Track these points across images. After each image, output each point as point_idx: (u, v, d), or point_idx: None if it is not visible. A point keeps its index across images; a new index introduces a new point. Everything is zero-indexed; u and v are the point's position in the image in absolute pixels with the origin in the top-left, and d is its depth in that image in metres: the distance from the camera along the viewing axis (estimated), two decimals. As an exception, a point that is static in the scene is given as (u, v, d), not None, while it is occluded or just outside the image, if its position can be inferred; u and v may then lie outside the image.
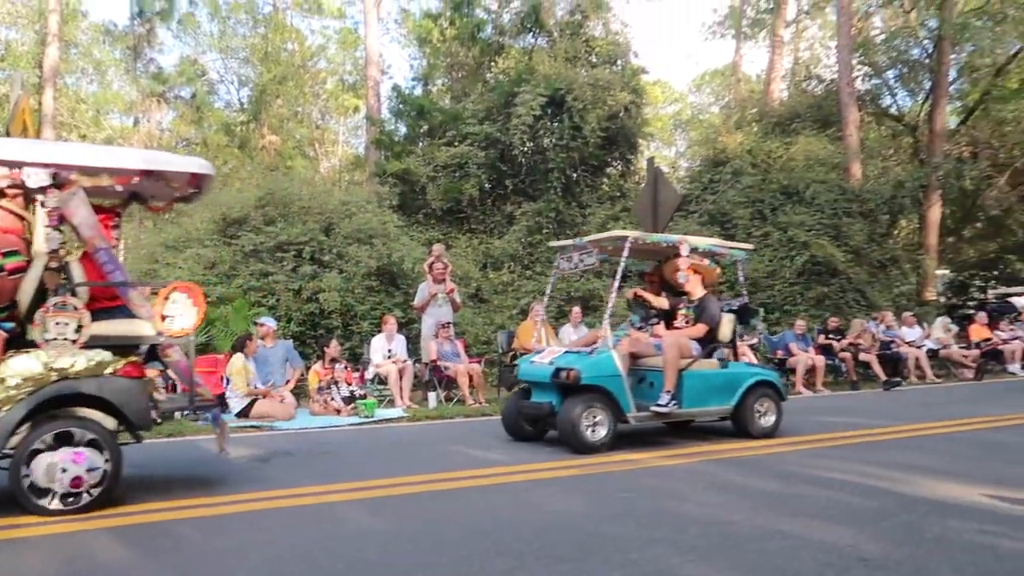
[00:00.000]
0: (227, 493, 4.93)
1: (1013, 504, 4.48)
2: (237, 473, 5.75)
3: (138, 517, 4.34)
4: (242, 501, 4.71)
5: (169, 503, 4.68)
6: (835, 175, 17.39)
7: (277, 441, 7.34)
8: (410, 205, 16.90)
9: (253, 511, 4.49)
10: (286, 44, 29.13)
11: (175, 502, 4.70)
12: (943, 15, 19.11)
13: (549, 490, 5.04)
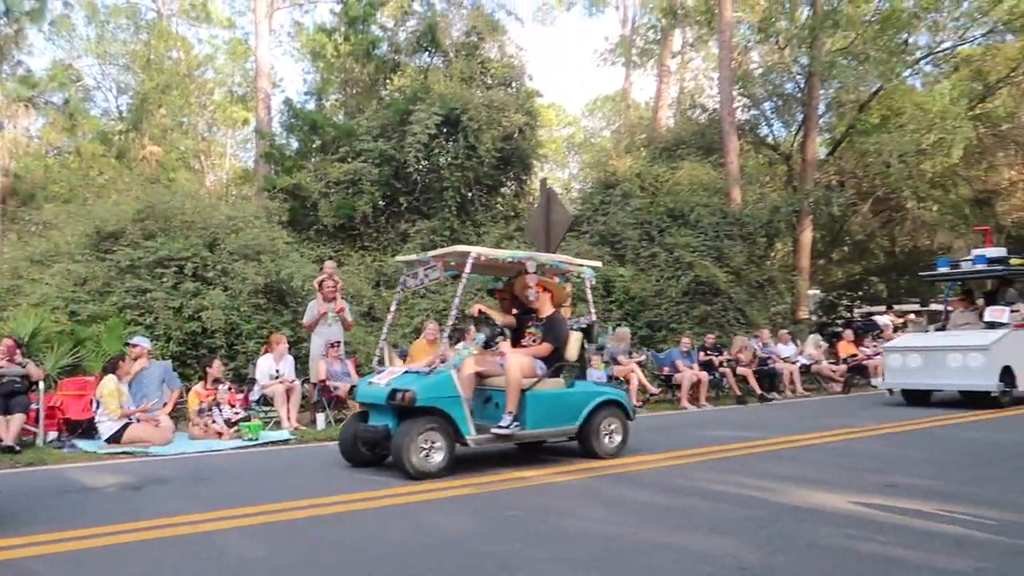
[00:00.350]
0: (92, 526, 4.59)
1: (875, 509, 4.77)
2: (105, 504, 5.38)
3: (-12, 555, 3.98)
4: (109, 534, 4.40)
5: (26, 538, 4.30)
6: (717, 199, 18.21)
7: (151, 467, 6.92)
8: (301, 221, 16.47)
9: (121, 544, 4.20)
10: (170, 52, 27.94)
11: (33, 537, 4.33)
12: (813, 53, 20.48)
13: (439, 511, 4.97)
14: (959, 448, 7.56)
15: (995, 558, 3.74)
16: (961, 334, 11.63)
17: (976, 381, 10.76)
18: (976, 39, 22.89)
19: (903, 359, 11.62)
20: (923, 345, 11.64)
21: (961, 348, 10.96)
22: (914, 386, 11.65)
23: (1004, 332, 10.99)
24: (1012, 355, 10.92)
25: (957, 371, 10.89)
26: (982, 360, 10.67)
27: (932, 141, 19.68)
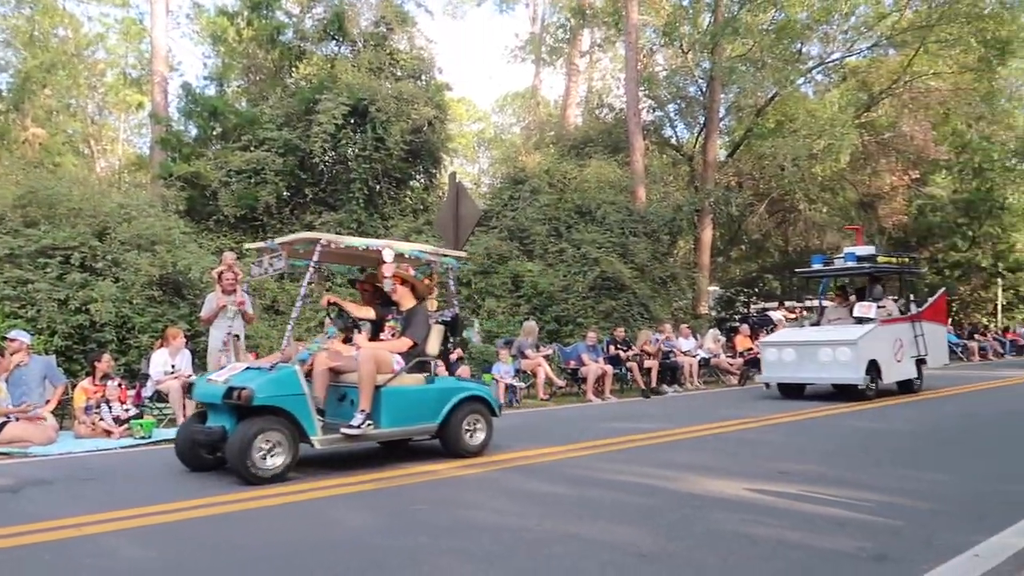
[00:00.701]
0: (-37, 531, 4.27)
1: (767, 495, 4.99)
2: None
3: None
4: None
5: None
6: (623, 197, 18.65)
7: (31, 468, 6.50)
8: (199, 211, 15.83)
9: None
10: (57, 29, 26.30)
11: None
12: (714, 58, 21.25)
13: (343, 506, 4.88)
14: (843, 436, 8.00)
15: (873, 537, 3.98)
16: (832, 329, 12.06)
17: (844, 374, 11.16)
18: (862, 51, 24.33)
19: (779, 353, 11.96)
20: (797, 340, 11.95)
21: (831, 343, 11.33)
22: (788, 379, 11.96)
23: (871, 327, 11.44)
24: (878, 349, 11.44)
25: (827, 365, 11.27)
26: (850, 354, 11.06)
27: (822, 147, 20.77)
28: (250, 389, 5.51)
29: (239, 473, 5.46)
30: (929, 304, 13.36)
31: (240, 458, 5.40)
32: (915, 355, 12.28)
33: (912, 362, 12.27)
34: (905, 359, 12.09)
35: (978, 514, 4.47)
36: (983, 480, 5.50)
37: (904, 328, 12.22)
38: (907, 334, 12.20)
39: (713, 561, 3.62)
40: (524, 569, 3.52)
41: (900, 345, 11.97)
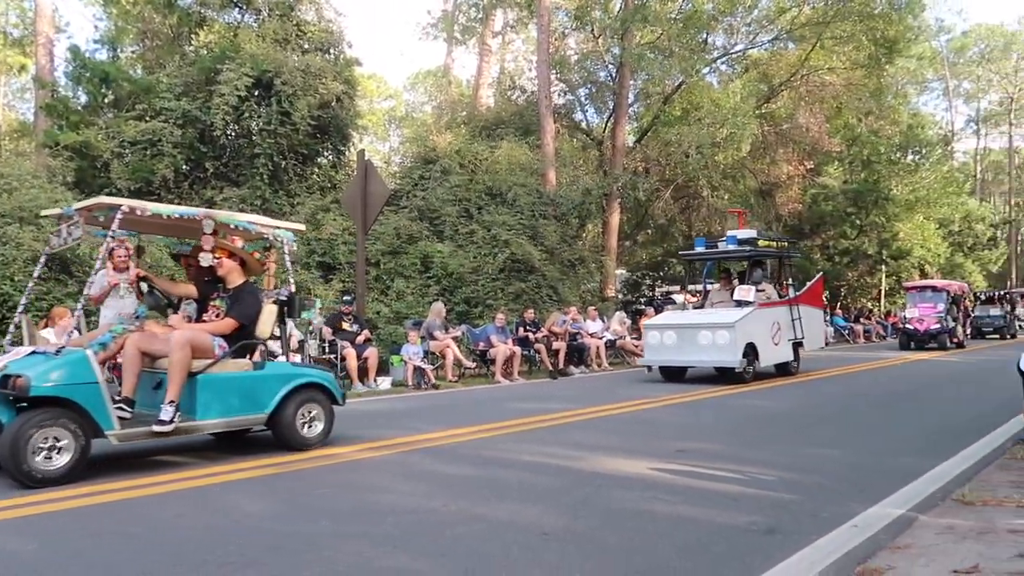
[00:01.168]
0: None
1: (666, 473, 5.16)
2: None
3: None
4: None
5: None
6: (533, 180, 18.76)
7: None
8: (90, 183, 14.92)
9: None
10: (-76, -20, 24.17)
11: None
12: (624, 44, 21.57)
13: (241, 492, 4.74)
14: (737, 415, 8.35)
15: (764, 512, 4.17)
16: (713, 312, 12.25)
17: (722, 357, 11.28)
18: (764, 44, 25.23)
19: (660, 336, 11.96)
20: (678, 323, 12.04)
21: (710, 326, 11.46)
22: (669, 363, 12.00)
23: (749, 311, 11.60)
24: (756, 332, 11.62)
25: (707, 348, 11.37)
26: (728, 337, 11.15)
27: (724, 135, 21.46)
28: (26, 377, 4.76)
29: (12, 475, 4.71)
30: (807, 288, 13.77)
31: (12, 458, 4.64)
32: (792, 338, 12.52)
33: (789, 345, 12.52)
34: (783, 342, 12.30)
35: (859, 487, 4.75)
36: (865, 454, 5.85)
37: (782, 311, 12.44)
38: (785, 317, 12.42)
39: (614, 539, 3.71)
40: (428, 552, 3.51)
41: (778, 328, 12.16)
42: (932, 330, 20.52)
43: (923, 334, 20.59)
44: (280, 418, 5.94)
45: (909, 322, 21.22)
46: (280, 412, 5.94)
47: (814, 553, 3.46)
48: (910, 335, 20.95)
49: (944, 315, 20.90)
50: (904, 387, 11.20)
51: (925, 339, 20.62)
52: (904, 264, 31.84)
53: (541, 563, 3.35)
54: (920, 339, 20.69)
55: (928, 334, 20.55)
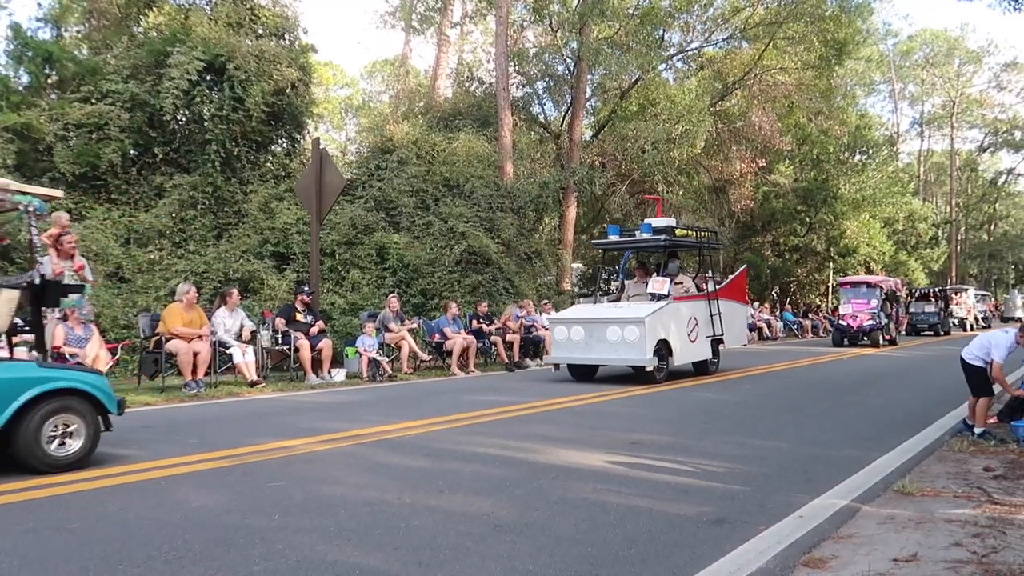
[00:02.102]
0: None
1: (619, 465, 5.22)
2: None
3: None
4: None
5: None
6: (491, 172, 18.72)
7: None
8: (31, 167, 14.40)
9: None
10: None
11: None
12: (582, 39, 21.64)
13: (191, 485, 4.65)
14: (690, 408, 8.49)
15: (714, 502, 4.26)
16: (624, 306, 11.36)
17: (631, 355, 10.37)
18: (719, 42, 25.59)
19: (567, 332, 10.98)
20: (586, 317, 11.04)
21: (619, 321, 10.51)
22: (577, 360, 11.11)
23: (662, 305, 10.69)
24: (669, 328, 10.77)
25: (616, 345, 10.45)
26: (637, 333, 10.26)
27: (680, 132, 21.70)
28: None
29: None
30: (728, 282, 13.24)
31: None
32: (711, 335, 11.85)
33: (708, 342, 11.81)
34: (700, 339, 11.56)
35: (806, 477, 4.88)
36: (811, 445, 6.00)
37: (700, 306, 11.72)
38: (703, 312, 11.73)
39: (566, 529, 3.75)
40: (381, 544, 3.49)
41: (695, 324, 11.42)
42: (865, 326, 20.39)
43: (856, 330, 20.45)
44: (17, 433, 4.78)
45: (843, 318, 21.11)
46: (17, 425, 4.78)
47: (761, 543, 3.55)
48: (843, 331, 20.80)
49: (878, 311, 20.78)
50: (847, 381, 11.51)
51: (858, 335, 20.48)
52: (851, 261, 32.69)
53: (493, 554, 3.36)
54: (853, 335, 20.54)
55: (861, 330, 20.40)
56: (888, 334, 20.91)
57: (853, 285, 22.56)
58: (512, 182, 19.21)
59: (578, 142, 22.46)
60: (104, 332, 10.30)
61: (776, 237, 32.23)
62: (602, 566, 3.25)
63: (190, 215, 14.81)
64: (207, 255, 14.01)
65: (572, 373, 11.47)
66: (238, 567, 3.16)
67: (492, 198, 17.92)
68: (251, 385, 9.98)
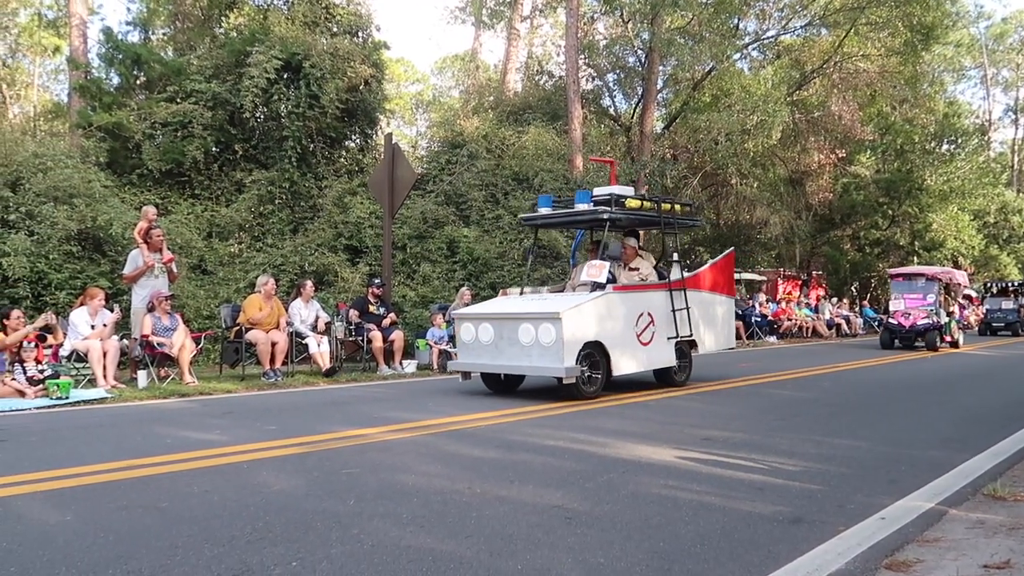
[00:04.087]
0: None
1: (690, 461, 5.14)
2: None
3: None
4: None
5: None
6: (560, 166, 18.68)
7: (-63, 430, 6.19)
8: (122, 164, 15.15)
9: None
10: (-36, -38, 24.54)
11: None
12: (654, 29, 21.34)
13: (270, 470, 4.81)
14: (766, 404, 8.29)
15: (790, 501, 4.15)
16: (545, 298, 8.97)
17: (543, 363, 7.94)
18: (796, 30, 24.81)
19: (474, 331, 8.60)
20: (495, 312, 8.66)
21: (532, 317, 8.04)
22: (484, 368, 8.66)
23: (593, 296, 8.29)
24: (606, 327, 8.30)
25: (528, 348, 8.02)
26: (553, 334, 7.80)
27: (755, 122, 21.18)
28: None
29: None
30: (705, 268, 10.40)
31: None
32: (675, 336, 9.20)
33: (670, 345, 9.20)
34: (657, 341, 8.98)
35: (888, 478, 4.71)
36: (893, 445, 5.78)
37: (657, 299, 9.08)
38: (661, 307, 9.09)
39: (637, 523, 3.71)
40: (453, 532, 3.54)
41: (648, 322, 8.87)
42: (919, 326, 17.48)
43: (908, 330, 17.57)
44: None
45: (893, 316, 18.16)
46: None
47: (841, 544, 3.44)
48: (893, 332, 17.88)
49: (935, 308, 17.91)
50: (929, 380, 11.04)
51: (911, 336, 17.66)
52: (937, 256, 31.30)
53: (564, 546, 3.36)
54: (905, 336, 17.72)
55: (914, 331, 17.53)
56: (948, 335, 18.14)
57: (906, 278, 19.36)
58: (582, 175, 19.11)
59: (649, 134, 22.18)
60: (188, 322, 10.75)
61: (856, 230, 31.10)
62: (674, 561, 3.21)
63: (268, 209, 15.29)
64: (284, 248, 14.44)
65: (487, 383, 9.04)
66: (317, 550, 3.25)
67: (562, 191, 17.86)
68: (326, 375, 10.25)
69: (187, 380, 9.18)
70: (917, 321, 17.58)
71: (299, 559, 3.14)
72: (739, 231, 27.87)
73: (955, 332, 18.36)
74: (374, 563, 3.10)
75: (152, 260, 9.64)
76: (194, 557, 3.14)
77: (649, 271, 9.47)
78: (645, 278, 9.33)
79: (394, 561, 3.13)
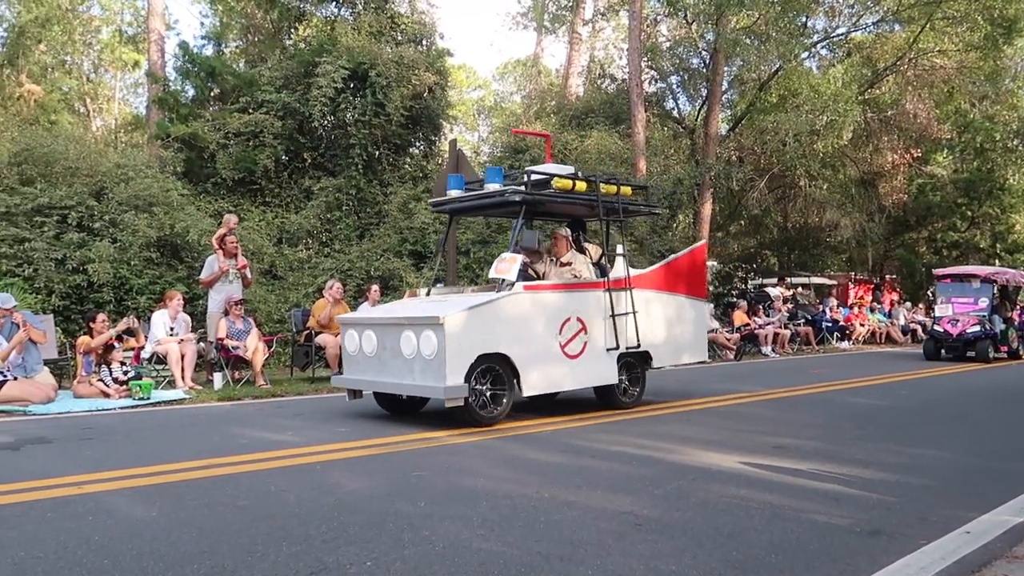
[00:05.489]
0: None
1: (762, 469, 5.04)
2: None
3: None
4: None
5: None
6: (623, 170, 18.53)
7: (31, 426, 6.53)
8: (197, 173, 15.71)
9: None
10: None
11: None
12: (719, 30, 20.98)
13: (343, 471, 4.92)
14: (841, 412, 8.06)
15: (867, 512, 4.03)
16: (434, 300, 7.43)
17: (425, 380, 6.45)
18: (868, 27, 24.04)
19: (358, 340, 7.17)
20: (379, 318, 7.34)
21: (415, 323, 6.58)
22: (365, 386, 7.17)
23: (496, 297, 6.71)
24: (511, 336, 6.72)
25: (411, 362, 6.56)
26: (434, 344, 6.31)
27: (824, 123, 20.59)
28: None
29: None
30: (660, 265, 8.70)
31: None
32: (615, 347, 7.56)
33: (610, 358, 7.54)
34: (591, 352, 7.36)
35: (971, 491, 4.52)
36: (979, 456, 5.56)
37: (591, 301, 7.46)
38: (597, 311, 7.46)
39: (709, 532, 3.66)
40: (523, 536, 3.55)
41: (578, 329, 7.27)
42: (969, 334, 15.38)
43: (956, 339, 15.51)
44: None
45: (938, 322, 16.02)
46: None
47: (923, 558, 3.33)
48: (938, 340, 15.79)
49: (987, 314, 15.72)
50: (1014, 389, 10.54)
51: (958, 346, 15.61)
52: (1020, 259, 29.88)
53: (635, 553, 3.34)
54: (952, 345, 15.66)
55: (962, 339, 15.46)
56: (1006, 344, 16.14)
57: (956, 279, 16.96)
58: (645, 179, 18.94)
59: (714, 136, 21.81)
60: (260, 326, 11.07)
61: (932, 233, 29.90)
62: (747, 571, 3.16)
63: (335, 216, 15.63)
64: (351, 254, 14.74)
65: (380, 403, 7.49)
66: (390, 550, 3.31)
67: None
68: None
69: (260, 383, 9.45)
70: (966, 329, 15.47)
71: (373, 559, 3.20)
72: (807, 234, 27.14)
73: (1014, 341, 16.38)
74: (446, 565, 3.15)
75: (227, 265, 9.98)
76: (273, 554, 3.24)
77: (584, 268, 7.78)
78: (579, 275, 7.65)
79: (466, 563, 3.17)
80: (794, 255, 27.51)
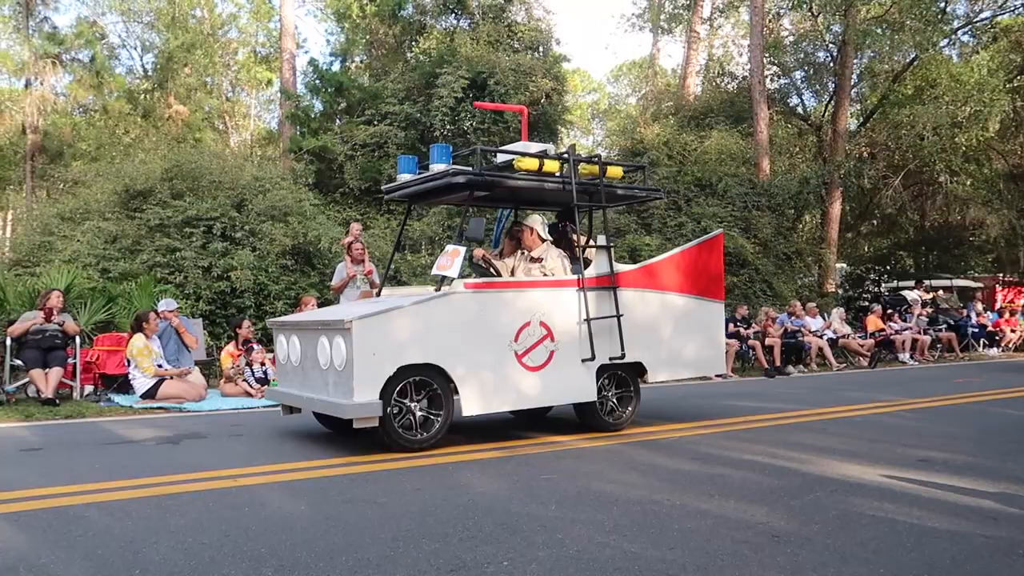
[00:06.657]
0: (135, 477, 4.72)
1: (906, 483, 4.77)
2: (145, 456, 5.50)
3: (41, 502, 4.10)
4: (152, 485, 4.51)
5: (76, 487, 4.43)
6: (745, 170, 18.02)
7: (187, 423, 7.07)
8: (327, 183, 16.52)
9: (164, 495, 4.30)
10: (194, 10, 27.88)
11: (82, 486, 4.45)
12: (847, 21, 20.01)
13: (474, 471, 5.04)
14: (991, 423, 7.51)
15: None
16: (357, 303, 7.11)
17: (335, 396, 5.52)
18: (1017, 8, 22.26)
19: (286, 347, 6.36)
20: (301, 320, 6.47)
21: (325, 328, 5.68)
22: (286, 399, 6.27)
23: (424, 297, 5.78)
24: (447, 344, 5.69)
25: (325, 373, 5.65)
26: (343, 353, 5.37)
27: (967, 114, 19.26)
28: None
29: None
30: (659, 259, 7.33)
31: None
32: (591, 357, 6.30)
33: (587, 370, 6.31)
34: (559, 363, 6.18)
35: None
36: None
37: (562, 301, 6.26)
38: (565, 314, 6.25)
39: (852, 547, 3.51)
40: (656, 542, 3.53)
41: (543, 335, 6.11)
42: None
43: None
44: None
45: None
46: None
47: (1099, 585, 3.06)
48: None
49: None
50: None
51: None
52: None
53: (774, 565, 3.25)
54: None
55: None
56: None
57: None
58: (769, 179, 18.33)
59: (843, 133, 20.81)
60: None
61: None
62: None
63: (456, 223, 16.01)
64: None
65: (320, 420, 6.63)
66: (525, 551, 3.37)
67: (747, 196, 17.25)
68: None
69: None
70: None
71: (509, 559, 3.27)
72: (948, 233, 25.41)
73: None
74: (581, 568, 3.17)
75: (354, 271, 10.42)
76: (414, 550, 3.37)
77: (558, 264, 6.46)
78: (551, 273, 6.40)
79: (601, 568, 3.18)
80: (933, 256, 25.78)
